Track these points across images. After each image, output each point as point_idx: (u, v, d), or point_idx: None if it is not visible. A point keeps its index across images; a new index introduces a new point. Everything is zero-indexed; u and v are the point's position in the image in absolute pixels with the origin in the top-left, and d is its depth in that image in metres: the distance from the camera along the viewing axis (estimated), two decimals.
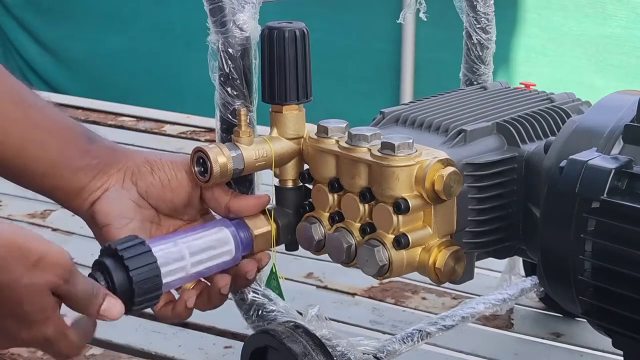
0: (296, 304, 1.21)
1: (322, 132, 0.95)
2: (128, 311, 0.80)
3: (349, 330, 1.32)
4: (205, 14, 0.96)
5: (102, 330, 1.20)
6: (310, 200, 0.98)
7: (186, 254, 0.88)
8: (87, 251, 1.38)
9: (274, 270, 1.03)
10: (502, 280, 1.32)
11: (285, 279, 1.09)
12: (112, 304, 0.77)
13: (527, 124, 0.99)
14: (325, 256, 0.97)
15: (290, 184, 0.99)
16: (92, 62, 3.57)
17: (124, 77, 3.50)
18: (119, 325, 1.21)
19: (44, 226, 1.64)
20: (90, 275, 0.80)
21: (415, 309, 1.40)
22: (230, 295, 0.96)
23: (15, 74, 0.89)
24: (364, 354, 1.02)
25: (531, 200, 0.96)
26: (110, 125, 2.11)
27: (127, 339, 1.26)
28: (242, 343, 1.04)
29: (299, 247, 1.01)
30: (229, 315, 1.03)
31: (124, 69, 3.52)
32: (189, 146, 1.85)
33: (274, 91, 0.96)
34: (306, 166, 0.99)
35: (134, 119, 2.18)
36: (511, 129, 0.98)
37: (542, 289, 1.28)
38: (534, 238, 0.94)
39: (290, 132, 0.97)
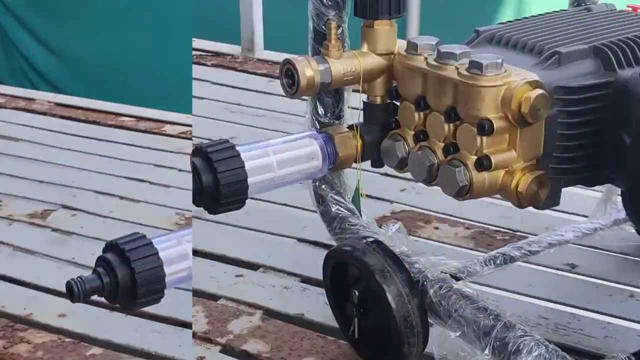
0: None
1: (412, 48, 0.94)
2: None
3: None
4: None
5: (102, 330, 1.24)
6: (397, 117, 0.98)
7: (274, 163, 0.91)
8: (87, 251, 1.41)
9: (358, 187, 1.04)
10: (596, 209, 1.29)
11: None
12: None
13: (626, 48, 0.94)
14: None
15: (378, 100, 0.99)
16: (93, 61, 3.55)
17: (124, 76, 3.47)
18: (119, 325, 1.24)
19: (44, 226, 1.58)
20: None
21: (428, 238, 1.39)
22: None
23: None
24: (442, 272, 1.02)
25: (624, 127, 0.92)
26: (110, 125, 2.10)
27: (127, 339, 1.24)
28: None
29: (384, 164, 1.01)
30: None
31: (124, 68, 3.49)
32: (189, 146, 1.84)
33: (366, 5, 0.95)
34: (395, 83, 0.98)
35: (134, 119, 2.16)
36: (609, 52, 0.94)
37: None
38: (624, 167, 0.91)
39: (380, 47, 0.96)
